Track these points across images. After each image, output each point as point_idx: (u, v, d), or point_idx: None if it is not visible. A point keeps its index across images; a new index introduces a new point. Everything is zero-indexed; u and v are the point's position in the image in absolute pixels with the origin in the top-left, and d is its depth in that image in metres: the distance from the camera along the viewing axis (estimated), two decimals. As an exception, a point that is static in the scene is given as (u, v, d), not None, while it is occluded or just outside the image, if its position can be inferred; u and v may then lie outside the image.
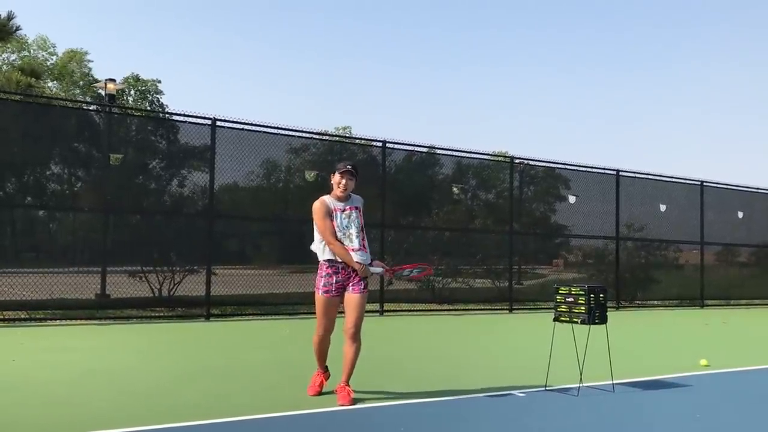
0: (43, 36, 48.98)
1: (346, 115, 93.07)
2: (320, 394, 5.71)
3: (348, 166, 5.67)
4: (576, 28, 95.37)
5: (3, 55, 42.68)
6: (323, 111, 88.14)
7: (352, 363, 5.55)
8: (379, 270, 5.75)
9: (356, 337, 5.56)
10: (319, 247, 5.67)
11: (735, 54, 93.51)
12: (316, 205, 5.64)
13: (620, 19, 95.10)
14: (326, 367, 5.86)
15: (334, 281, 5.58)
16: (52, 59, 49.66)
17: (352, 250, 5.57)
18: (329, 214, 5.60)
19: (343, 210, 5.64)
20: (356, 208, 5.71)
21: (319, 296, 5.61)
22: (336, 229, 5.58)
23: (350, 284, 5.59)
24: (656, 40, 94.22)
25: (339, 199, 5.67)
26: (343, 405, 5.36)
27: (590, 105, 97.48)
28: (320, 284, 5.61)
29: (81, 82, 46.66)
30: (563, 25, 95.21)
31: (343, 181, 5.63)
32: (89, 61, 49.50)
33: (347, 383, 5.52)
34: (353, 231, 5.61)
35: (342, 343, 5.63)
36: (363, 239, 5.67)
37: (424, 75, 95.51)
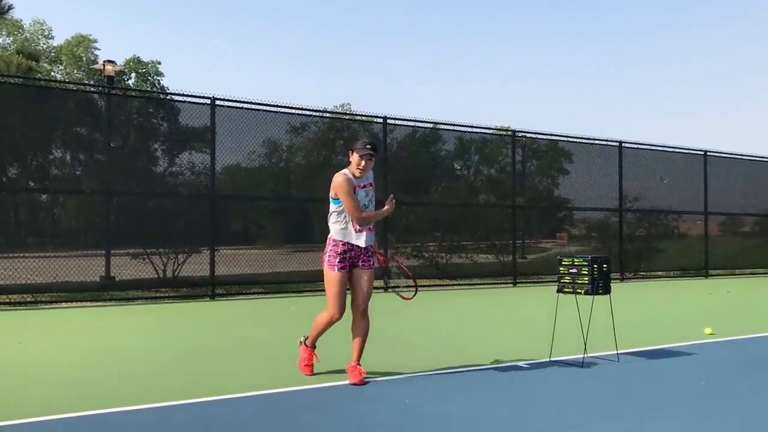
0: (39, 20, 48.93)
1: (347, 91, 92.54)
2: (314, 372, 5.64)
3: (368, 147, 5.51)
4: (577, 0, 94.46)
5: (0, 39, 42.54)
6: (324, 88, 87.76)
7: (363, 341, 5.51)
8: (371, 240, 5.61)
9: (366, 314, 5.54)
10: (337, 226, 5.51)
11: (737, 21, 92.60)
12: (341, 181, 5.45)
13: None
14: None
15: (347, 257, 5.49)
16: (49, 42, 49.54)
17: (369, 230, 5.51)
18: (353, 189, 5.48)
19: (363, 186, 5.55)
20: (371, 184, 5.64)
21: (335, 273, 5.44)
22: None
23: (360, 261, 5.53)
24: (660, 9, 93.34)
25: (356, 176, 5.54)
26: (355, 384, 5.31)
27: (595, 77, 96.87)
28: (335, 261, 5.45)
29: (86, 68, 46.59)
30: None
31: (363, 163, 5.47)
32: (97, 48, 49.58)
33: (358, 362, 5.46)
34: (371, 209, 5.57)
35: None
36: None
37: (425, 49, 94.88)
